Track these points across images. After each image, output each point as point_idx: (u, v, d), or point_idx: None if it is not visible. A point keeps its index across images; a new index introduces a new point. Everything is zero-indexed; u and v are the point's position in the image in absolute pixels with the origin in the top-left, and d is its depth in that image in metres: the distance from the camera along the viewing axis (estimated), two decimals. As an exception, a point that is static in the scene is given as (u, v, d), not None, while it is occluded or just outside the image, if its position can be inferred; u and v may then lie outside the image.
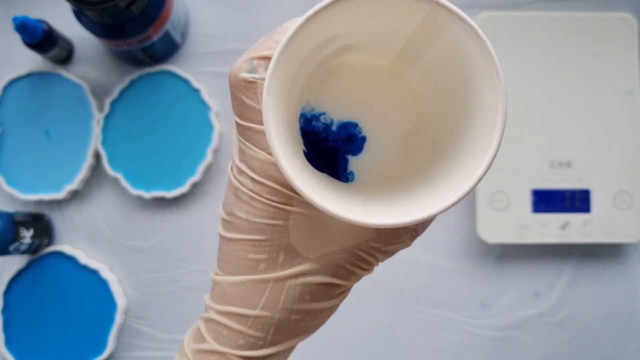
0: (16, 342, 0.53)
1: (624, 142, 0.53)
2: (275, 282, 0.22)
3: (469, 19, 0.20)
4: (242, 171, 0.22)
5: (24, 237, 0.49)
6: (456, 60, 0.21)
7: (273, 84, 0.19)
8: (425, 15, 0.20)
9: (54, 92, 0.54)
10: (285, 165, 0.18)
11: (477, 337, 0.54)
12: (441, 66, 0.22)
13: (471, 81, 0.21)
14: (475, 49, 0.20)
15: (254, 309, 0.22)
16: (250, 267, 0.22)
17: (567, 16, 0.54)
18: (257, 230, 0.22)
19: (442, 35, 0.21)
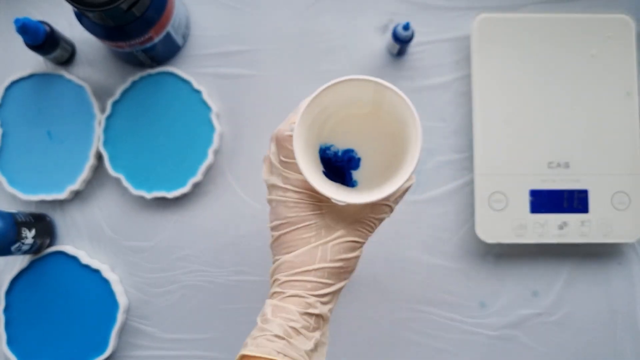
0: (18, 342, 0.53)
1: (622, 143, 0.54)
2: (322, 246, 0.36)
3: (395, 89, 0.34)
4: (287, 189, 0.36)
5: (25, 237, 0.50)
6: (398, 112, 0.35)
7: (298, 134, 0.34)
8: (374, 87, 0.35)
9: (55, 93, 0.55)
10: (309, 176, 0.33)
11: (476, 336, 0.55)
12: (393, 114, 0.36)
13: (406, 124, 0.35)
14: (405, 108, 0.34)
15: (314, 264, 0.36)
16: (305, 241, 0.36)
17: (565, 18, 0.55)
18: (305, 219, 0.36)
19: (386, 96, 0.35)
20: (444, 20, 0.57)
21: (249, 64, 0.57)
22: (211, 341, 0.55)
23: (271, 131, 0.57)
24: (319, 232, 0.36)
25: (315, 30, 0.57)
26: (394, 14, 0.57)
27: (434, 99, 0.56)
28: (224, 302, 0.55)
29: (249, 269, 0.55)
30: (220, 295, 0.55)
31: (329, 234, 0.36)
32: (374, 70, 0.56)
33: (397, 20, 0.57)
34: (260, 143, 0.56)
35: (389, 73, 0.56)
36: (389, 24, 0.57)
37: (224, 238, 0.55)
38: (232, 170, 0.56)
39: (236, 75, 0.57)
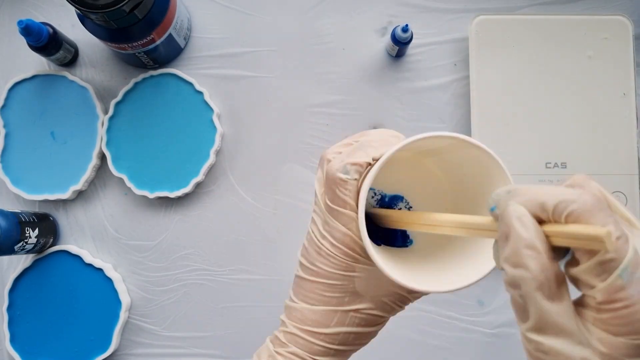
0: (21, 340, 0.53)
1: (619, 143, 0.54)
2: (342, 312, 0.32)
3: (486, 148, 0.28)
4: (325, 237, 0.32)
5: (29, 237, 0.50)
6: (472, 164, 0.30)
7: (364, 197, 0.29)
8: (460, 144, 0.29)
9: (59, 94, 0.55)
10: (371, 249, 0.28)
11: (474, 334, 0.55)
12: (460, 162, 0.32)
13: (485, 177, 0.30)
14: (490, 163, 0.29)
15: (326, 329, 0.32)
16: (325, 300, 0.32)
17: (562, 19, 0.55)
18: (332, 277, 0.31)
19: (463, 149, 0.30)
20: (442, 22, 0.57)
21: (251, 66, 0.57)
22: (213, 339, 0.55)
23: (271, 131, 0.57)
24: (342, 297, 0.32)
25: (316, 32, 0.57)
26: (393, 16, 0.57)
27: (432, 100, 0.57)
28: (226, 301, 0.55)
29: (251, 267, 0.56)
30: (222, 294, 0.55)
31: (353, 301, 0.32)
32: (374, 72, 0.57)
33: (396, 22, 0.57)
34: (262, 144, 0.57)
35: (388, 74, 0.57)
36: (388, 26, 0.57)
37: (225, 237, 0.56)
38: (233, 170, 0.56)
39: (238, 77, 0.57)
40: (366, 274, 0.31)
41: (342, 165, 0.31)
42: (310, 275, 0.32)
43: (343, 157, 0.31)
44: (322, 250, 0.31)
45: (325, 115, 0.57)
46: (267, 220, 0.56)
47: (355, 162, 0.30)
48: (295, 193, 0.56)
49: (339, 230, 0.31)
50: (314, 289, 0.32)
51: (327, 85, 0.57)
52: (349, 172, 0.30)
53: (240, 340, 0.55)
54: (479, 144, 0.28)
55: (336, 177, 0.31)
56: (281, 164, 0.56)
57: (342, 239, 0.31)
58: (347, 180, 0.30)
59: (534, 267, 0.21)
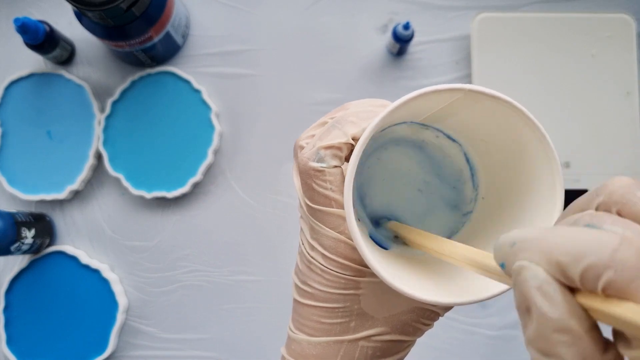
0: (17, 342, 0.53)
1: (622, 142, 0.54)
2: (349, 342, 0.25)
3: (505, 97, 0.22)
4: (314, 247, 0.24)
5: (25, 237, 0.49)
6: (490, 125, 0.23)
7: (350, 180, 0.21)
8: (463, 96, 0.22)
9: (55, 92, 0.55)
10: (368, 254, 0.21)
11: (476, 336, 0.55)
12: (474, 126, 0.25)
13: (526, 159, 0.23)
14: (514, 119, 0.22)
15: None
16: (325, 329, 0.25)
17: (565, 17, 0.55)
18: (330, 299, 0.24)
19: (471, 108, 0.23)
20: (444, 20, 0.57)
21: (249, 64, 0.57)
22: (211, 341, 0.55)
23: (270, 130, 0.57)
24: (347, 322, 0.24)
25: (315, 29, 0.57)
26: (394, 13, 0.57)
27: (434, 98, 0.56)
28: (224, 302, 0.55)
29: (249, 268, 0.55)
30: (220, 295, 0.55)
31: (362, 326, 0.24)
32: (374, 70, 0.56)
33: (397, 20, 0.56)
34: (260, 143, 0.56)
35: (389, 73, 0.56)
36: (389, 24, 0.57)
37: (223, 238, 0.55)
38: (231, 170, 0.56)
39: (236, 75, 0.57)
40: (374, 289, 0.24)
41: (314, 151, 0.24)
42: (304, 297, 0.25)
43: (314, 141, 0.24)
44: (313, 265, 0.24)
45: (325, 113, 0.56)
46: (266, 220, 0.55)
47: (330, 144, 0.23)
48: (295, 193, 0.55)
49: (329, 236, 0.24)
50: (310, 315, 0.25)
51: (327, 84, 0.56)
52: (323, 158, 0.23)
53: (239, 342, 0.55)
54: (495, 92, 0.22)
55: (309, 167, 0.24)
56: (280, 164, 0.56)
57: (335, 247, 0.24)
58: (324, 170, 0.23)
59: (571, 357, 0.14)
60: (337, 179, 0.24)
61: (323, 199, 0.24)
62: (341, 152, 0.24)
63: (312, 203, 0.24)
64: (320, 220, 0.24)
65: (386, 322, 0.25)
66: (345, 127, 0.24)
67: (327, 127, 0.24)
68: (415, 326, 0.25)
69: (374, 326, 0.25)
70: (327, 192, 0.24)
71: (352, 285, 0.24)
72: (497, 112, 0.22)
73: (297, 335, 0.26)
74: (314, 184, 0.24)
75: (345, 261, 0.24)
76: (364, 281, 0.24)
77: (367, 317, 0.24)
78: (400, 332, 0.25)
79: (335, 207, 0.24)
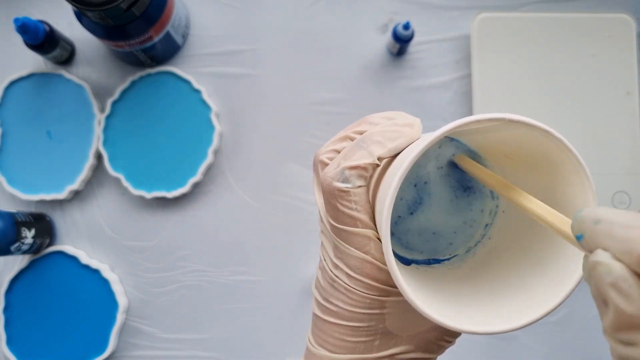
0: (17, 342, 0.53)
1: (622, 142, 0.54)
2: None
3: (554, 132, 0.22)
4: (338, 266, 0.24)
5: (25, 237, 0.49)
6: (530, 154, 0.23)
7: (388, 213, 0.21)
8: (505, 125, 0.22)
9: (55, 92, 0.55)
10: (403, 284, 0.20)
11: (477, 336, 0.55)
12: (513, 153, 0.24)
13: (557, 182, 0.22)
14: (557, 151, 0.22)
15: None
16: (349, 347, 0.24)
17: (565, 17, 0.55)
18: (355, 318, 0.24)
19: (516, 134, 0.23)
20: (444, 20, 0.57)
21: (249, 64, 0.57)
22: (211, 341, 0.55)
23: (270, 130, 0.57)
24: (371, 341, 0.24)
25: (315, 29, 0.57)
26: (394, 13, 0.57)
27: (434, 98, 0.56)
28: (224, 302, 0.55)
29: (249, 269, 0.55)
30: (220, 295, 0.55)
31: (386, 345, 0.24)
32: (374, 70, 0.56)
33: (397, 20, 0.56)
34: (261, 143, 0.56)
35: (389, 72, 0.56)
36: (389, 24, 0.57)
37: (223, 238, 0.55)
38: (231, 170, 0.56)
39: (236, 75, 0.56)
40: (400, 308, 0.24)
41: (339, 171, 0.23)
42: (326, 315, 0.25)
43: (339, 160, 0.24)
44: (337, 283, 0.24)
45: (325, 113, 0.56)
46: (266, 220, 0.55)
47: (356, 164, 0.23)
48: (295, 193, 0.55)
49: (354, 256, 0.23)
50: (332, 332, 0.25)
51: (327, 84, 0.56)
52: (348, 179, 0.23)
53: (239, 343, 0.55)
54: (544, 126, 0.22)
55: (333, 187, 0.23)
56: (280, 164, 0.56)
57: (361, 267, 0.23)
58: (349, 190, 0.23)
59: None
60: (362, 199, 0.23)
61: (348, 219, 0.23)
62: (366, 172, 0.23)
63: (336, 223, 0.24)
64: (345, 240, 0.24)
65: (410, 340, 0.25)
66: (370, 147, 0.23)
67: (353, 145, 0.24)
68: (438, 344, 0.25)
69: (398, 344, 0.24)
70: (352, 212, 0.23)
71: (377, 305, 0.24)
72: (531, 137, 0.22)
73: (318, 351, 0.26)
74: (338, 204, 0.23)
75: (371, 281, 0.23)
76: (389, 300, 0.24)
77: (392, 335, 0.24)
78: (424, 350, 0.25)
79: (360, 227, 0.23)
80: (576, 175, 0.22)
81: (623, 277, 0.15)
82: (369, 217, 0.23)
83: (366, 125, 0.25)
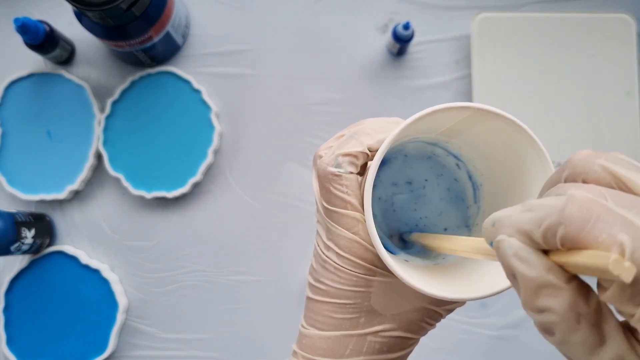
0: (17, 342, 0.53)
1: (622, 143, 0.54)
2: (358, 337, 0.27)
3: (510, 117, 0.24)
4: (329, 247, 0.26)
5: (25, 237, 0.49)
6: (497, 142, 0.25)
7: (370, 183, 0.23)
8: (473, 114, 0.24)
9: (55, 92, 0.55)
10: (384, 252, 0.23)
11: (476, 336, 0.55)
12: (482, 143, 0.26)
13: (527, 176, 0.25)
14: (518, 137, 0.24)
15: (341, 358, 0.27)
16: (336, 324, 0.27)
17: (565, 17, 0.55)
18: (342, 295, 0.26)
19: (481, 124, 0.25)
20: (444, 20, 0.57)
21: (249, 64, 0.57)
22: (211, 341, 0.54)
23: (270, 129, 0.57)
24: (357, 318, 0.26)
25: (316, 29, 0.57)
26: (394, 13, 0.57)
27: (434, 98, 0.56)
28: (224, 302, 0.55)
29: (249, 269, 0.55)
30: (220, 295, 0.55)
31: (370, 322, 0.26)
32: (374, 70, 0.56)
33: (397, 20, 0.56)
34: (260, 143, 0.56)
35: (389, 72, 0.56)
36: (389, 24, 0.57)
37: (223, 238, 0.55)
38: (231, 170, 0.56)
39: (236, 75, 0.56)
40: (384, 287, 0.26)
41: (333, 158, 0.26)
42: (317, 294, 0.27)
43: (334, 149, 0.27)
44: (327, 263, 0.26)
45: (325, 113, 0.56)
46: (266, 220, 0.55)
47: (348, 152, 0.26)
48: (295, 193, 0.55)
49: (343, 236, 0.26)
50: (322, 310, 0.27)
51: (327, 84, 0.56)
52: (341, 164, 0.26)
53: (239, 343, 0.55)
54: (501, 112, 0.23)
55: (327, 172, 0.26)
56: (281, 163, 0.56)
57: (349, 246, 0.26)
58: (341, 175, 0.26)
59: (559, 307, 0.16)
60: (353, 184, 0.26)
61: (339, 202, 0.26)
62: (357, 160, 0.26)
63: (329, 205, 0.26)
64: (335, 222, 0.26)
65: (393, 319, 0.27)
66: (361, 137, 0.26)
67: (346, 137, 0.27)
68: (420, 325, 0.27)
69: (382, 323, 0.26)
70: (343, 195, 0.26)
71: (363, 283, 0.26)
72: (502, 130, 0.24)
73: (308, 331, 0.28)
74: (331, 187, 0.26)
75: (359, 260, 0.26)
76: (375, 280, 0.26)
77: (376, 314, 0.26)
78: (406, 329, 0.27)
79: (350, 210, 0.26)
80: (540, 165, 0.24)
81: (521, 247, 0.17)
82: (359, 202, 0.26)
83: (360, 125, 0.28)
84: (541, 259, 0.16)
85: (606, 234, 0.15)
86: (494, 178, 0.28)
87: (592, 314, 0.16)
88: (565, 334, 0.16)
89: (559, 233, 0.16)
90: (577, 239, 0.15)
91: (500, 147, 0.26)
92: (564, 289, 0.16)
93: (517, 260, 0.17)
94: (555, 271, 0.16)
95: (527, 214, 0.17)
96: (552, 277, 0.16)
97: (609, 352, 0.16)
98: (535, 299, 0.17)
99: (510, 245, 0.17)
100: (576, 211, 0.16)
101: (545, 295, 0.16)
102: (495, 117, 0.24)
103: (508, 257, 0.17)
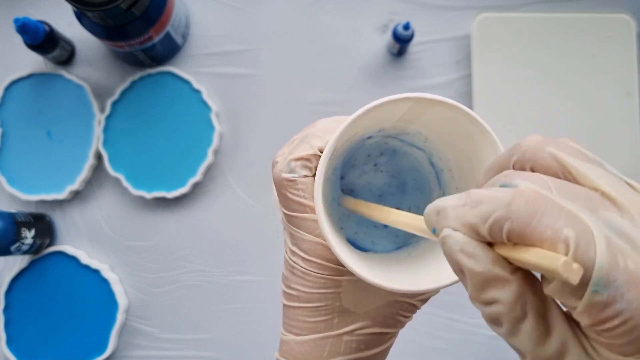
0: (17, 342, 0.53)
1: (622, 143, 0.54)
2: (334, 338, 0.27)
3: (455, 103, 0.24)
4: (295, 252, 0.26)
5: (25, 237, 0.49)
6: (451, 130, 0.26)
7: (319, 182, 0.23)
8: (416, 104, 0.24)
9: (55, 92, 0.55)
10: (339, 251, 0.23)
11: (477, 336, 0.55)
12: (438, 133, 0.27)
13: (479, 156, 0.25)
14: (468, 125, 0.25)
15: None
16: (311, 328, 0.27)
17: (565, 17, 0.55)
18: (312, 298, 0.26)
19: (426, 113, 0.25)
20: (444, 20, 0.57)
21: (249, 64, 0.57)
22: (211, 341, 0.55)
23: (270, 129, 0.57)
24: (330, 319, 0.26)
25: (315, 29, 0.57)
26: (394, 13, 0.57)
27: (434, 98, 0.56)
28: (224, 302, 0.55)
29: (249, 268, 0.55)
30: (220, 295, 0.55)
31: (344, 322, 0.26)
32: (374, 70, 0.56)
33: (397, 20, 0.56)
34: (260, 143, 0.56)
35: (389, 73, 0.56)
36: (389, 24, 0.57)
37: (223, 238, 0.55)
38: (231, 170, 0.56)
39: (236, 75, 0.56)
40: (353, 286, 0.26)
41: (286, 164, 0.26)
42: (290, 300, 0.27)
43: (286, 155, 0.27)
44: (295, 269, 0.27)
45: (325, 113, 0.56)
46: (266, 220, 0.55)
47: (299, 156, 0.26)
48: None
49: (307, 240, 0.26)
50: (296, 316, 0.27)
51: (327, 84, 0.56)
52: (294, 169, 0.26)
53: (239, 343, 0.55)
54: (438, 97, 0.24)
55: (282, 178, 0.26)
56: (280, 164, 0.56)
57: (313, 249, 0.26)
58: (296, 179, 0.26)
59: (505, 298, 0.16)
60: (309, 187, 0.26)
61: (298, 206, 0.26)
62: (310, 162, 0.26)
63: (288, 211, 0.26)
64: (297, 226, 0.26)
65: (367, 316, 0.27)
66: (312, 140, 0.26)
67: (297, 142, 0.27)
68: (395, 319, 0.27)
69: (355, 321, 0.27)
70: (300, 199, 0.26)
71: (332, 284, 0.26)
72: (449, 116, 0.24)
73: (286, 337, 0.28)
74: (287, 192, 0.26)
75: (323, 262, 0.26)
76: (343, 280, 0.26)
77: (349, 313, 0.26)
78: (382, 325, 0.27)
79: (310, 213, 0.26)
80: (488, 143, 0.25)
81: (467, 242, 0.17)
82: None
83: (312, 128, 0.28)
84: (487, 252, 0.17)
85: (551, 230, 0.15)
86: (457, 162, 0.28)
87: (538, 303, 0.17)
88: (512, 324, 0.17)
89: (505, 228, 0.16)
90: (524, 235, 0.16)
91: (454, 132, 0.26)
92: (510, 280, 0.16)
93: (464, 255, 0.17)
94: (501, 263, 0.16)
95: (474, 209, 0.17)
96: (498, 270, 0.16)
97: (555, 342, 0.16)
98: (482, 292, 0.17)
99: (457, 241, 0.17)
100: (522, 206, 0.16)
101: (492, 287, 0.17)
102: (436, 104, 0.24)
103: (455, 253, 0.17)
